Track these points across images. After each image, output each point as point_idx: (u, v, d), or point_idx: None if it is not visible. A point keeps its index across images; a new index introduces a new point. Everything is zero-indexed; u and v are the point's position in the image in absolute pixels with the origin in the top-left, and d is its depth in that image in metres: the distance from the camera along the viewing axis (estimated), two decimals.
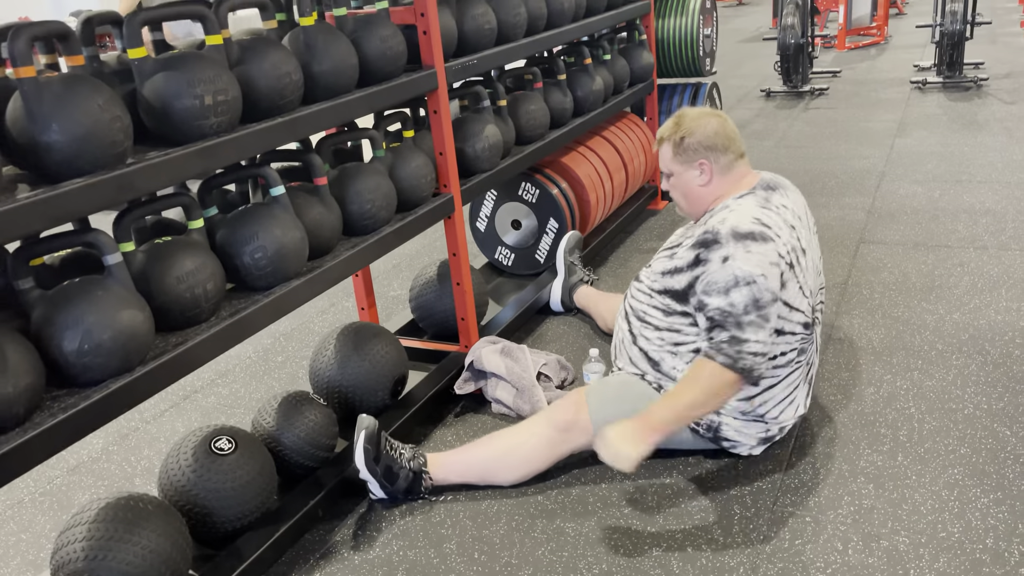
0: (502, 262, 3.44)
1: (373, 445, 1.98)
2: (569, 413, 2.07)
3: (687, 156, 2.04)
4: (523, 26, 2.78)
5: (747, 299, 1.85)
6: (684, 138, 2.04)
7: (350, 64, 2.02)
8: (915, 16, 9.61)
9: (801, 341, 2.02)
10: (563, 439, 2.07)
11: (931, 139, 4.77)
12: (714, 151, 2.02)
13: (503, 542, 1.92)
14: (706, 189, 2.05)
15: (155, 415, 2.70)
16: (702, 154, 2.03)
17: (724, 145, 2.03)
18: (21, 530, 2.18)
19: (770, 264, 1.88)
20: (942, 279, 2.99)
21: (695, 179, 2.05)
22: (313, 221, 1.96)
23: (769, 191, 2.02)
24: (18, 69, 1.36)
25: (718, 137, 2.02)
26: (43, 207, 1.35)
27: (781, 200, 2.01)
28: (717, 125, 2.04)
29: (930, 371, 2.42)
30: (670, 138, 2.07)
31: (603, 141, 3.62)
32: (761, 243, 1.89)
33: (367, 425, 1.99)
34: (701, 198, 2.07)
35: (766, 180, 2.06)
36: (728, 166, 2.04)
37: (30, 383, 1.37)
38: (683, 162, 2.06)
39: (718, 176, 2.04)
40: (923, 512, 1.87)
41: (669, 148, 2.08)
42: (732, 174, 2.04)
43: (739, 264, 1.86)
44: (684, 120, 2.06)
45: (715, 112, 2.09)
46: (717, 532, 1.88)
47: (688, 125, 2.05)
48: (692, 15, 4.05)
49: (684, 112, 2.10)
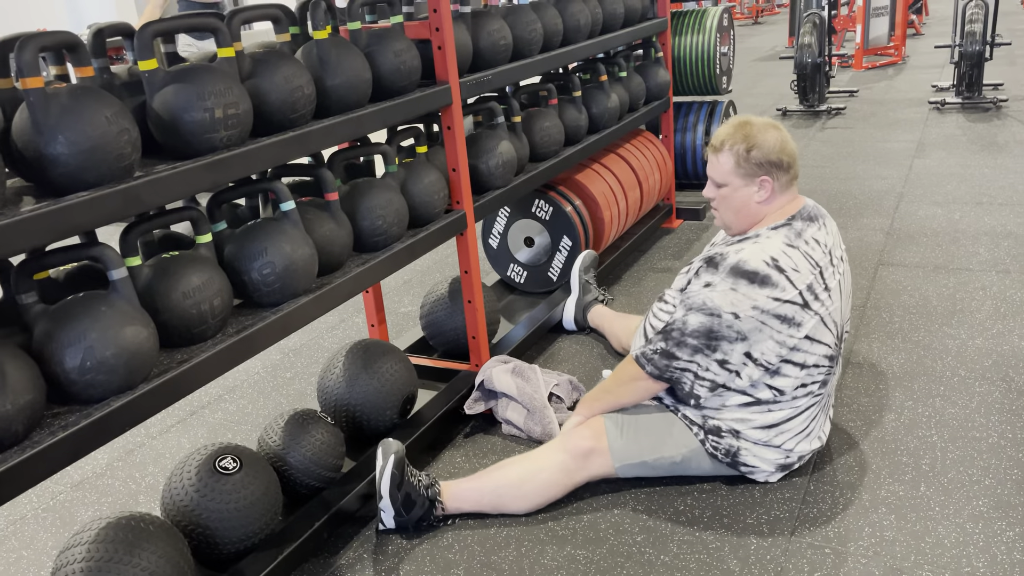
0: (514, 280, 3.40)
1: (399, 471, 1.94)
2: (587, 440, 2.02)
3: (750, 170, 1.92)
4: (539, 42, 2.76)
5: (700, 326, 1.89)
6: (751, 151, 1.91)
7: (363, 78, 1.99)
8: (933, 36, 9.56)
9: (826, 373, 1.97)
10: (580, 467, 2.02)
11: (950, 160, 4.71)
12: (779, 168, 1.92)
13: (512, 569, 1.87)
14: (762, 207, 1.95)
15: (161, 431, 2.67)
16: (766, 170, 1.92)
17: (788, 163, 1.93)
18: (23, 547, 2.15)
19: (751, 307, 1.85)
20: (964, 303, 2.93)
21: (753, 195, 1.94)
22: (323, 237, 1.93)
23: (807, 223, 1.94)
24: (25, 80, 1.34)
25: (783, 153, 1.92)
26: (48, 220, 1.32)
27: (815, 234, 1.94)
28: (782, 140, 1.93)
29: (952, 398, 2.36)
30: (733, 148, 1.93)
31: (618, 159, 3.58)
32: (755, 287, 1.85)
33: (395, 450, 1.94)
34: (753, 215, 1.96)
35: (808, 210, 1.97)
36: (787, 185, 1.95)
37: (30, 400, 1.34)
38: (744, 175, 1.93)
39: (778, 194, 1.94)
40: (947, 545, 1.81)
41: (731, 158, 1.93)
42: (787, 194, 1.96)
43: (714, 296, 1.86)
44: (751, 130, 1.92)
45: (775, 123, 1.97)
46: (733, 563, 1.82)
47: (756, 137, 1.91)
48: (709, 33, 4.02)
49: (749, 120, 1.96)
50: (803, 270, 1.88)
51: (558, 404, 2.43)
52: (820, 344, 1.93)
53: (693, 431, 2.02)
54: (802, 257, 1.89)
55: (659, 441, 2.03)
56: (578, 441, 2.03)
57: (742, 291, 1.85)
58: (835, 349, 1.97)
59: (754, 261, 1.86)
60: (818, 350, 1.93)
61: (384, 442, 1.97)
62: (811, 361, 1.93)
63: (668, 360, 1.94)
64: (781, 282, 1.86)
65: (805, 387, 1.95)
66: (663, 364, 1.95)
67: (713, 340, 1.89)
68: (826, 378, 1.98)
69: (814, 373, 1.95)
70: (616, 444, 2.01)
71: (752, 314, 1.85)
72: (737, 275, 1.86)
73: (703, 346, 1.90)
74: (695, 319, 1.89)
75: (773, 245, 1.89)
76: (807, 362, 1.92)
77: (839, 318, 1.97)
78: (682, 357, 1.92)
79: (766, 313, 1.86)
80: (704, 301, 1.88)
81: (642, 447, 2.03)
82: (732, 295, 1.85)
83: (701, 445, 2.01)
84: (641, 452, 2.03)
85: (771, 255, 1.87)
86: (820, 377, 1.96)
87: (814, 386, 1.97)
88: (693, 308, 1.90)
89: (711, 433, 2.00)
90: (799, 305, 1.87)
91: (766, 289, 1.85)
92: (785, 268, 1.87)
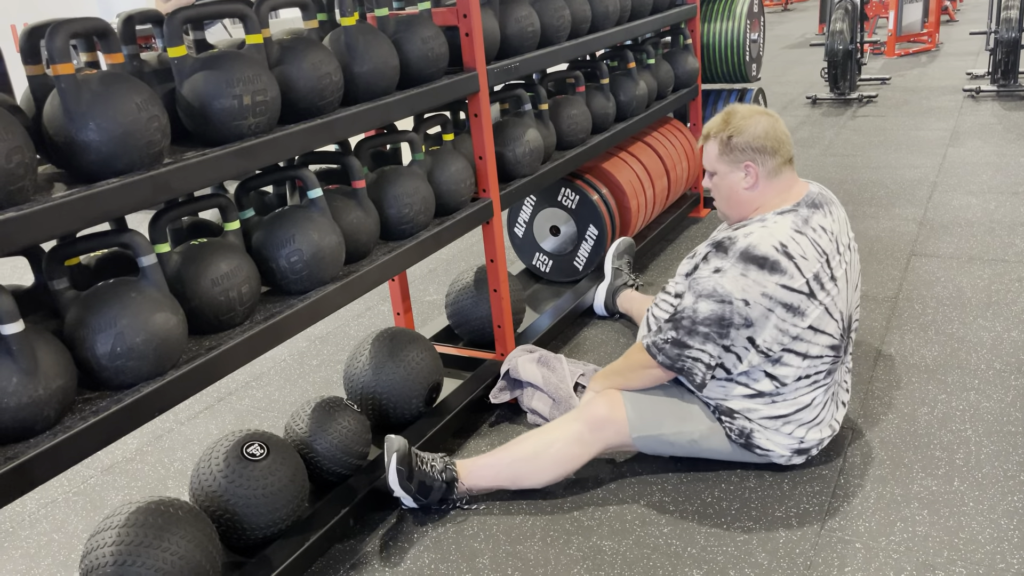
0: (540, 269, 3.38)
1: (406, 466, 1.94)
2: (602, 409, 2.01)
3: (733, 156, 1.95)
4: (566, 29, 2.73)
5: (711, 314, 1.86)
6: (732, 137, 1.94)
7: (391, 65, 1.98)
8: (967, 23, 9.37)
9: (830, 364, 1.95)
10: (595, 437, 2.00)
11: (986, 149, 4.62)
12: (762, 153, 1.93)
13: (537, 558, 1.86)
14: (750, 193, 1.96)
15: (189, 416, 2.69)
16: (749, 155, 1.94)
17: (773, 148, 1.93)
18: (53, 530, 2.18)
19: (761, 294, 1.83)
20: (999, 295, 2.87)
21: (740, 181, 1.96)
22: (350, 225, 1.93)
23: (812, 209, 1.93)
24: (56, 66, 1.34)
25: (767, 139, 1.93)
26: (79, 207, 1.33)
27: (821, 221, 1.92)
28: (767, 125, 1.94)
29: (988, 392, 2.31)
30: (717, 135, 1.97)
31: (645, 147, 3.55)
32: (766, 273, 1.83)
33: (398, 447, 1.94)
34: (743, 202, 1.98)
35: (812, 196, 1.96)
36: (775, 171, 1.95)
37: (62, 385, 1.35)
38: (729, 162, 1.96)
39: (764, 180, 1.95)
40: (981, 541, 1.77)
41: (715, 146, 1.98)
42: (779, 180, 1.95)
43: (724, 282, 1.84)
44: (733, 118, 1.96)
45: (766, 111, 1.99)
46: (761, 556, 1.80)
47: (737, 123, 1.95)
48: (739, 19, 3.96)
49: (734, 109, 2.00)
50: (810, 257, 1.86)
51: (583, 394, 2.41)
52: (824, 335, 1.90)
53: (710, 409, 2.01)
54: (809, 244, 1.87)
55: (678, 418, 2.01)
56: (594, 410, 2.01)
57: (752, 277, 1.83)
58: (841, 340, 1.94)
59: (764, 246, 1.85)
60: (822, 340, 1.90)
61: (387, 439, 1.97)
62: (814, 352, 1.91)
63: (680, 349, 1.92)
64: (790, 269, 1.84)
65: (808, 378, 1.93)
66: (675, 353, 1.93)
67: (724, 328, 1.86)
68: (831, 368, 1.96)
69: (817, 364, 1.92)
70: (634, 415, 2.00)
71: (761, 301, 1.83)
72: (747, 260, 1.84)
73: (715, 335, 1.88)
74: (706, 306, 1.87)
75: (781, 230, 1.87)
76: (810, 352, 1.90)
77: (845, 308, 1.94)
78: (694, 345, 1.90)
79: (774, 300, 1.84)
80: (714, 287, 1.85)
81: (661, 420, 2.02)
82: (743, 281, 1.83)
83: (719, 423, 2.00)
84: (661, 425, 2.02)
85: (780, 240, 1.85)
86: (823, 368, 1.94)
87: (818, 376, 1.94)
88: (703, 295, 1.87)
89: (724, 414, 1.99)
90: (805, 295, 1.85)
91: (775, 276, 1.83)
92: (794, 255, 1.85)
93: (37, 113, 1.48)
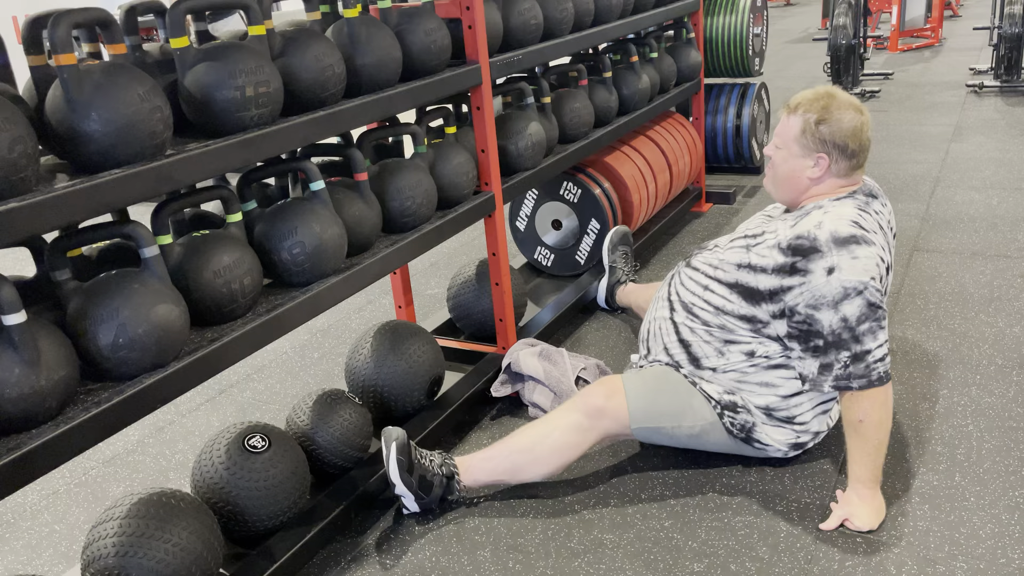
0: (541, 262, 3.38)
1: (405, 456, 1.93)
2: (600, 399, 1.99)
3: (812, 142, 1.87)
4: (569, 22, 2.72)
5: (859, 309, 1.76)
6: (821, 123, 1.85)
7: (394, 57, 1.98)
8: (970, 18, 9.34)
9: None
10: (592, 425, 1.99)
11: (989, 144, 4.61)
12: (843, 152, 1.86)
13: (539, 551, 1.86)
14: (811, 183, 1.90)
15: (190, 408, 2.70)
16: (828, 148, 1.86)
17: (854, 150, 1.87)
18: (55, 521, 2.18)
19: (876, 266, 1.78)
20: (1001, 291, 2.87)
21: (806, 168, 1.89)
22: (353, 217, 1.93)
23: (869, 198, 1.90)
24: (58, 56, 1.34)
25: (853, 138, 1.86)
26: (81, 197, 1.32)
27: (878, 208, 1.90)
28: (858, 125, 1.86)
29: (989, 387, 2.31)
30: (806, 115, 1.87)
31: (648, 141, 3.54)
32: (865, 246, 1.78)
33: (396, 436, 1.93)
34: (798, 188, 1.92)
35: (869, 186, 1.93)
36: (846, 172, 1.89)
37: (64, 376, 1.35)
38: (804, 146, 1.88)
39: (831, 177, 1.89)
40: (982, 536, 1.77)
41: (799, 124, 1.88)
42: (843, 180, 1.91)
43: (846, 275, 1.76)
44: (831, 103, 1.86)
45: (861, 107, 1.90)
46: (762, 550, 1.80)
47: (833, 112, 1.85)
48: (742, 13, 3.95)
49: (834, 93, 1.89)
50: (879, 239, 1.83)
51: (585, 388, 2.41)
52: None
53: (711, 404, 2.00)
54: (874, 223, 1.85)
55: (679, 411, 2.00)
56: (592, 399, 1.99)
57: (862, 255, 1.76)
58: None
59: (844, 227, 1.79)
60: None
61: (384, 431, 1.95)
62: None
63: (864, 360, 1.77)
64: (876, 239, 1.80)
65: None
66: (862, 369, 1.77)
67: (876, 310, 1.76)
68: None
69: None
70: (634, 404, 1.98)
71: (878, 270, 1.78)
72: (842, 244, 1.77)
73: (875, 324, 1.76)
74: (851, 308, 1.76)
75: (847, 211, 1.83)
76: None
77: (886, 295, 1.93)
78: (872, 347, 1.77)
79: (882, 265, 1.79)
80: (843, 286, 1.75)
81: (662, 412, 2.00)
82: (858, 263, 1.76)
83: (719, 419, 1.99)
84: (661, 417, 2.00)
85: (851, 219, 1.81)
86: None
87: None
88: (838, 301, 1.76)
89: (728, 409, 1.98)
90: (887, 266, 1.83)
91: (872, 247, 1.78)
92: (868, 229, 1.81)
93: (39, 103, 1.47)
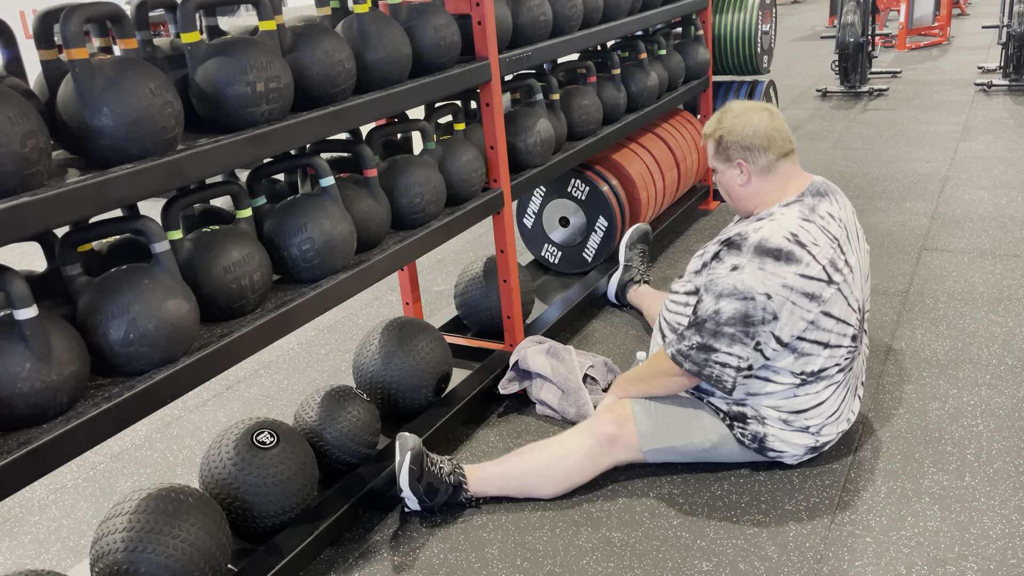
0: (548, 260, 3.37)
1: (417, 466, 1.93)
2: (612, 427, 2.01)
3: (726, 155, 2.00)
4: (578, 19, 2.71)
5: (735, 312, 1.84)
6: (722, 136, 1.99)
7: (403, 53, 1.97)
8: (979, 17, 9.30)
9: (848, 353, 1.94)
10: (606, 452, 2.01)
11: (997, 143, 4.59)
12: (752, 151, 1.96)
13: (547, 549, 1.86)
14: (745, 189, 2.00)
15: (198, 404, 2.70)
16: (740, 154, 1.97)
17: (763, 145, 1.95)
18: (63, 515, 2.19)
19: (781, 286, 1.82)
20: (1011, 290, 2.86)
21: (735, 178, 2.00)
22: (362, 213, 1.92)
23: (818, 198, 1.93)
24: (70, 51, 1.34)
25: (756, 137, 1.95)
26: (92, 192, 1.32)
27: (828, 208, 1.92)
28: (758, 123, 1.95)
29: (999, 387, 2.30)
30: (711, 135, 2.03)
31: (655, 138, 3.53)
32: (782, 264, 1.82)
33: (412, 445, 1.93)
34: (741, 198, 2.02)
35: (816, 185, 1.97)
36: (768, 167, 1.96)
37: (75, 371, 1.35)
38: (723, 160, 2.02)
39: (757, 177, 1.97)
40: (992, 537, 1.77)
41: (712, 146, 2.04)
42: (774, 175, 1.97)
43: (744, 277, 1.83)
44: (726, 117, 2.00)
45: (763, 106, 2.00)
46: (771, 549, 1.79)
47: (728, 123, 1.98)
48: (751, 11, 3.94)
49: (728, 107, 2.03)
50: (822, 244, 1.86)
51: (592, 386, 2.41)
52: (843, 323, 1.90)
53: (719, 417, 2.00)
54: (819, 231, 1.87)
55: (687, 428, 2.01)
56: (604, 427, 2.01)
57: (770, 269, 1.82)
58: (856, 328, 1.94)
59: (776, 238, 1.85)
60: (841, 329, 1.90)
61: (400, 436, 1.96)
62: (835, 341, 1.90)
63: (707, 353, 1.88)
64: (805, 257, 1.84)
65: (829, 369, 1.92)
66: (701, 359, 1.89)
67: (749, 325, 1.84)
68: (849, 356, 1.95)
69: (837, 354, 1.91)
70: (644, 428, 2.00)
71: (782, 292, 1.83)
72: (762, 253, 1.84)
73: (741, 334, 1.85)
74: (729, 306, 1.85)
75: (789, 220, 1.88)
76: (831, 342, 1.89)
77: (860, 296, 1.94)
78: (720, 349, 1.86)
79: (794, 291, 1.83)
80: (735, 285, 1.84)
81: (671, 432, 2.01)
82: (761, 274, 1.83)
83: (729, 431, 1.99)
84: (670, 437, 2.01)
85: (790, 231, 1.86)
86: (844, 354, 1.93)
87: (839, 367, 1.93)
88: (724, 295, 1.86)
89: (736, 420, 1.98)
90: (824, 282, 1.85)
91: (792, 266, 1.82)
92: (806, 243, 1.84)
93: (51, 98, 1.47)
